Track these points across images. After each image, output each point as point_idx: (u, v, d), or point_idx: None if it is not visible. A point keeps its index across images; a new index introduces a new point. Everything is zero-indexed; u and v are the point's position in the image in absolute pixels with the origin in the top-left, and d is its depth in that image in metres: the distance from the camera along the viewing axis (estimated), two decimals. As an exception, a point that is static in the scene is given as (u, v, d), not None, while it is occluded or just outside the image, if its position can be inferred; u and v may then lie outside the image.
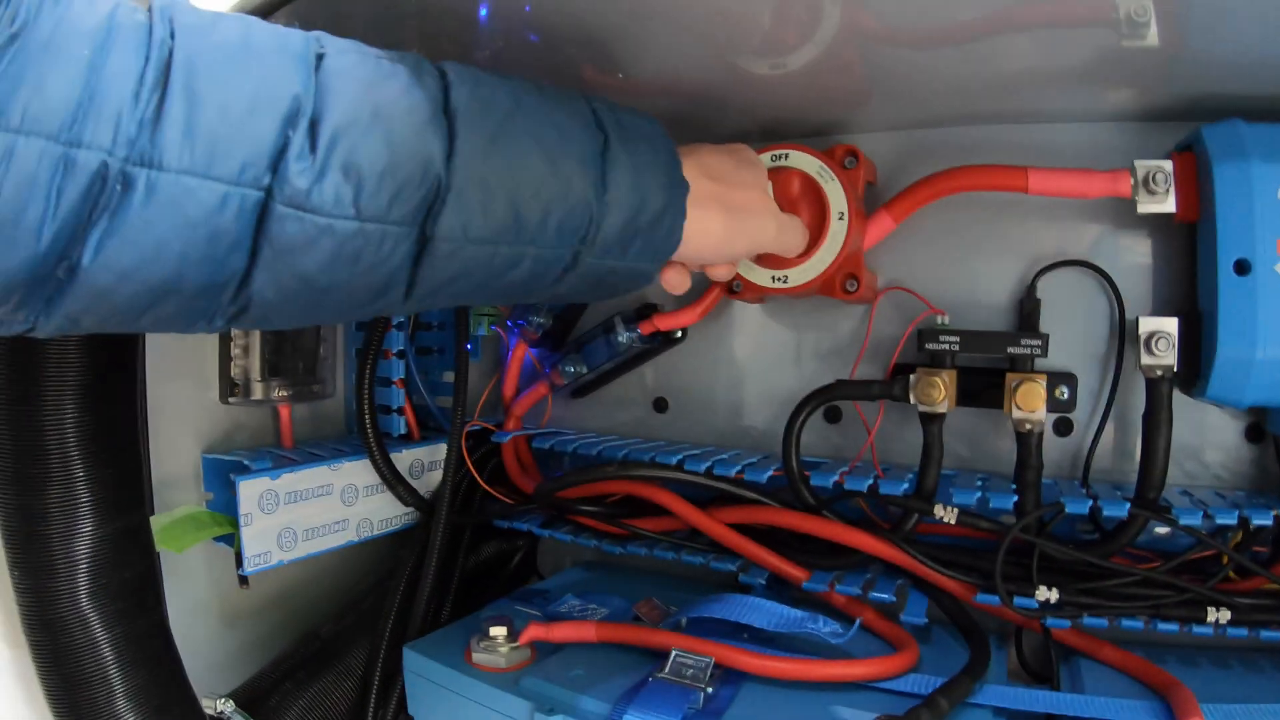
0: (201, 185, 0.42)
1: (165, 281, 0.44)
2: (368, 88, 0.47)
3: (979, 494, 0.71)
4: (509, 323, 0.96)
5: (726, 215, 0.64)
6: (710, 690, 0.67)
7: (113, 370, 0.71)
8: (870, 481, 0.73)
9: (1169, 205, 0.70)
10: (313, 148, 0.44)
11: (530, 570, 1.04)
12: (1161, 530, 0.75)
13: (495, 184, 0.51)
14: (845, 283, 0.76)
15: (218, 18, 0.45)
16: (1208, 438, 0.80)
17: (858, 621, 0.70)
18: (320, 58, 0.47)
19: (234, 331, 0.89)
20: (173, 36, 0.42)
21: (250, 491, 0.79)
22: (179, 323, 0.48)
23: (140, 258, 0.42)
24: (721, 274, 0.72)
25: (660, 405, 0.96)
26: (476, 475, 0.90)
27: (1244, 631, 0.69)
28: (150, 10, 0.43)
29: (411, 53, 0.52)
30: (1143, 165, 0.70)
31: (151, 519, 0.76)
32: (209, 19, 0.45)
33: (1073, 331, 0.80)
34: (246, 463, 0.82)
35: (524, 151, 0.52)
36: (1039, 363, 0.75)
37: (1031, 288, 0.79)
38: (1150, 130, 0.78)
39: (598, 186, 0.55)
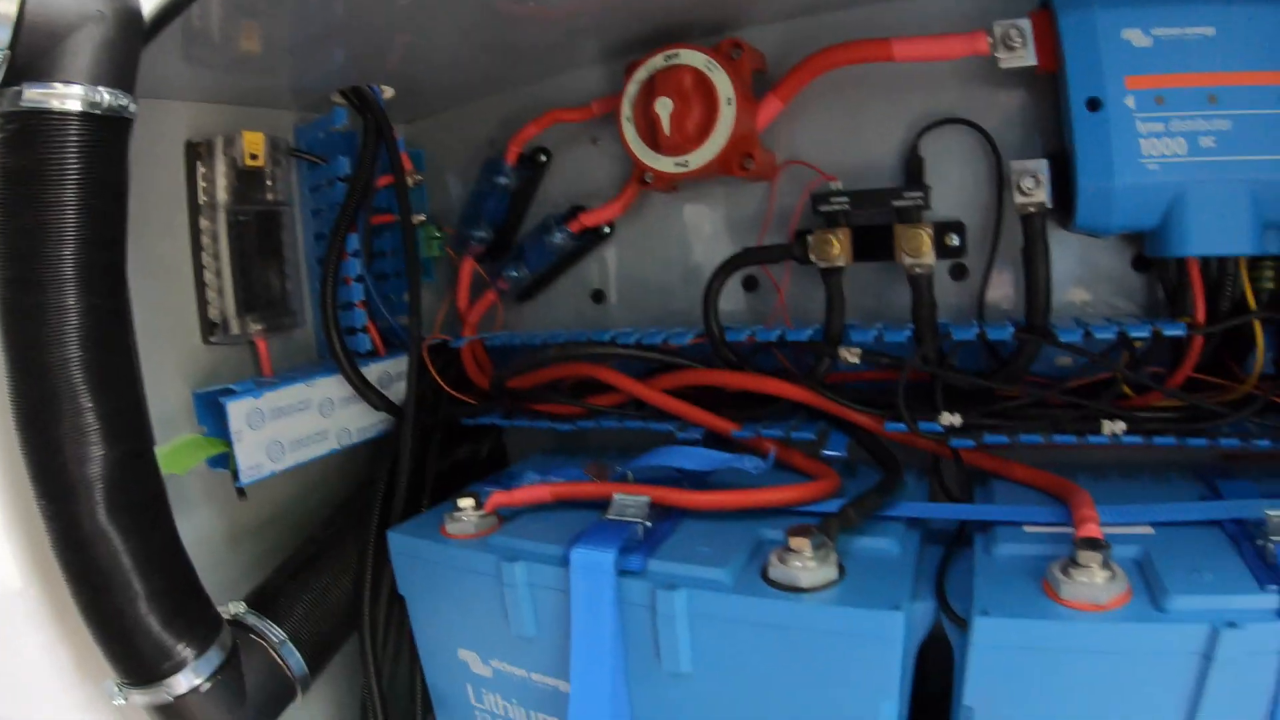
0: None
1: None
2: None
3: (876, 333, 0.81)
4: (456, 241, 1.06)
5: None
6: (650, 524, 0.77)
7: (107, 315, 0.80)
8: (779, 333, 0.84)
9: (1029, 59, 0.79)
10: None
11: (501, 467, 1.13)
12: (1063, 360, 0.84)
13: None
14: (742, 161, 0.85)
15: None
16: (1099, 271, 0.89)
17: (772, 452, 0.80)
18: None
19: (207, 276, 0.99)
20: None
21: (238, 411, 0.89)
22: None
23: None
24: None
25: (598, 297, 1.06)
26: (437, 377, 1.00)
27: (1139, 439, 0.78)
28: None
29: None
30: (1000, 25, 0.79)
31: (156, 449, 0.86)
32: None
33: (959, 183, 0.89)
34: (233, 388, 0.92)
35: None
36: (933, 215, 0.85)
37: (914, 147, 0.88)
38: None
39: None
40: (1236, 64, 0.74)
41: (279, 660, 0.88)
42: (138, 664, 0.76)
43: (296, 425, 0.95)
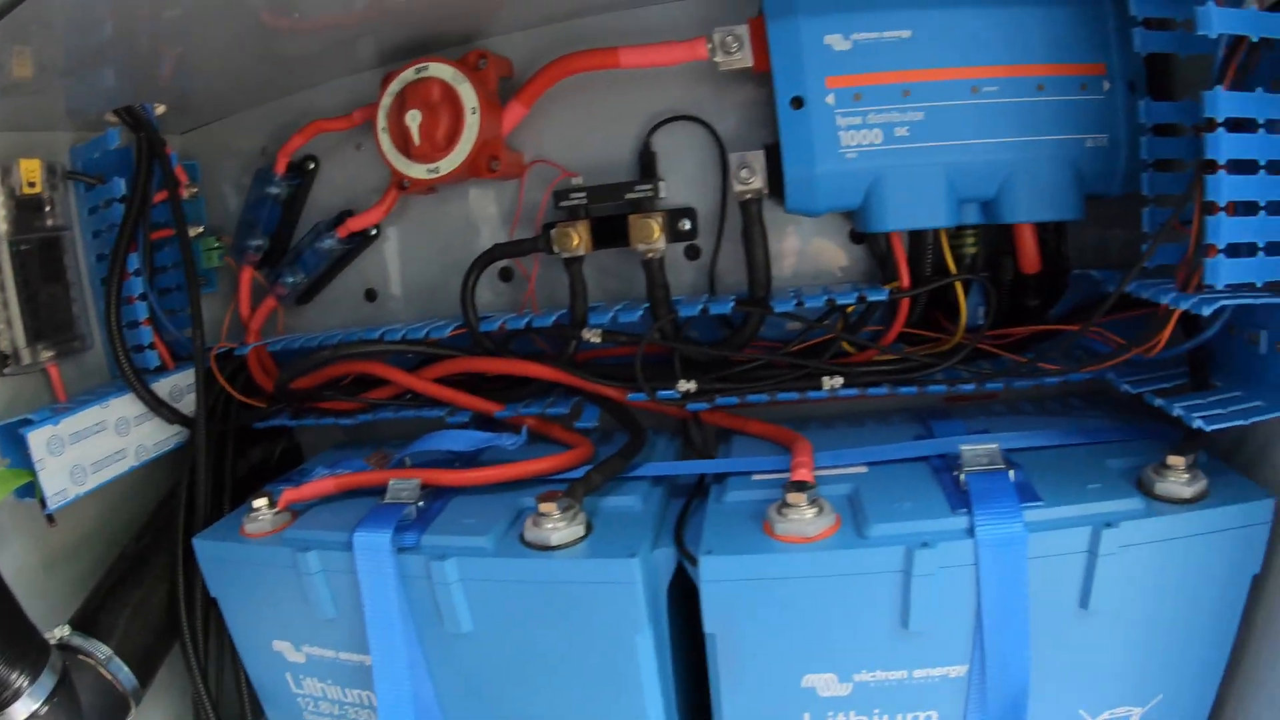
0: None
1: None
2: None
3: (610, 314, 0.94)
4: (234, 251, 1.15)
5: None
6: (422, 504, 0.90)
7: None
8: (527, 320, 0.96)
9: (746, 61, 0.92)
10: None
11: (298, 464, 1.23)
12: (794, 325, 0.98)
13: None
14: (489, 164, 0.98)
15: None
16: (822, 245, 1.05)
17: (524, 429, 0.94)
18: None
19: (-8, 306, 1.04)
20: None
21: (39, 440, 0.95)
22: None
23: None
24: None
25: (371, 295, 1.18)
26: (226, 385, 1.10)
27: (854, 391, 0.94)
28: None
29: None
30: (719, 31, 0.92)
31: (-38, 489, 0.92)
32: None
33: (691, 173, 1.04)
34: (30, 418, 0.98)
35: None
36: (669, 203, 0.99)
37: (646, 142, 1.02)
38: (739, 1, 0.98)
39: None
40: (929, 62, 0.89)
41: (109, 676, 0.96)
42: (-24, 699, 0.82)
43: (96, 447, 1.02)
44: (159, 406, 1.07)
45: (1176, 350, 0.84)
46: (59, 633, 0.95)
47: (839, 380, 0.93)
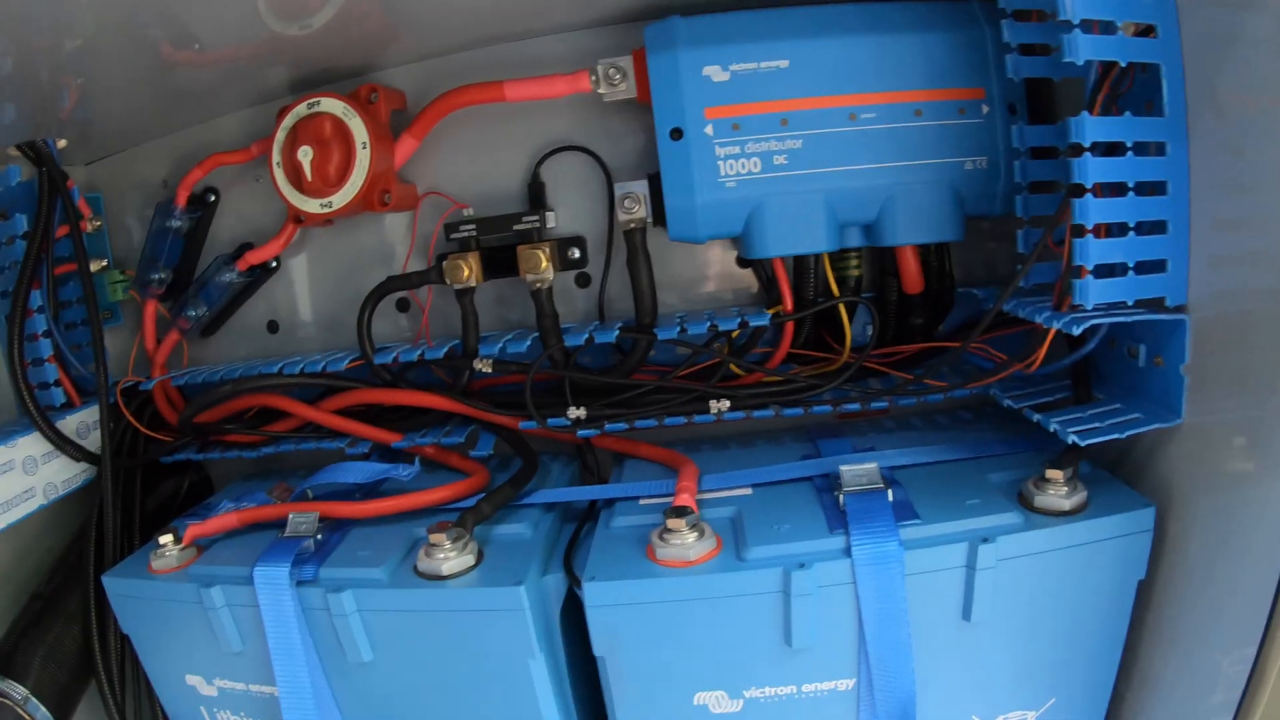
0: None
1: None
2: None
3: (499, 345, 0.98)
4: (137, 284, 1.18)
5: None
6: (320, 537, 0.94)
7: None
8: (420, 351, 1.00)
9: (630, 93, 0.96)
10: None
11: (208, 496, 1.27)
12: (684, 350, 1.03)
13: None
14: (381, 198, 1.01)
15: None
16: (711, 271, 1.10)
17: (417, 459, 0.98)
18: None
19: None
20: None
21: None
22: None
23: None
24: None
25: (273, 327, 1.22)
26: (132, 419, 1.14)
27: (741, 414, 0.98)
28: None
29: None
30: (603, 64, 0.96)
31: None
32: None
33: (580, 202, 1.08)
34: (-65, 461, 1.01)
35: None
36: (560, 231, 1.03)
37: (535, 173, 1.06)
38: (630, 30, 1.04)
39: None
40: (807, 91, 0.93)
41: (26, 717, 0.99)
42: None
43: (4, 487, 1.04)
44: (64, 444, 1.10)
45: (1059, 365, 0.89)
46: (-26, 676, 0.98)
47: (726, 403, 0.97)
